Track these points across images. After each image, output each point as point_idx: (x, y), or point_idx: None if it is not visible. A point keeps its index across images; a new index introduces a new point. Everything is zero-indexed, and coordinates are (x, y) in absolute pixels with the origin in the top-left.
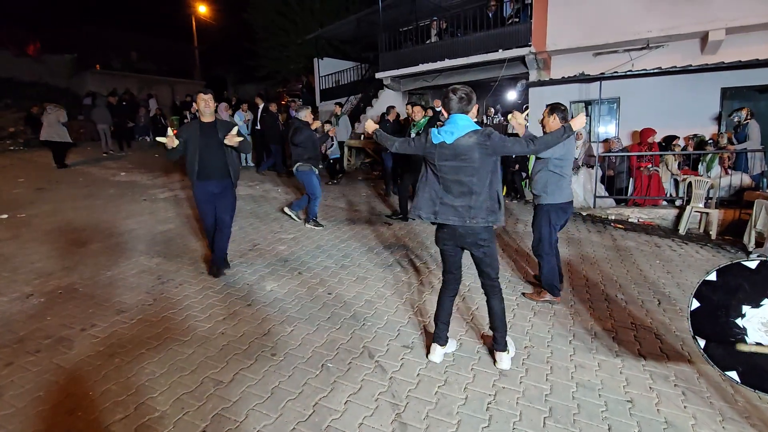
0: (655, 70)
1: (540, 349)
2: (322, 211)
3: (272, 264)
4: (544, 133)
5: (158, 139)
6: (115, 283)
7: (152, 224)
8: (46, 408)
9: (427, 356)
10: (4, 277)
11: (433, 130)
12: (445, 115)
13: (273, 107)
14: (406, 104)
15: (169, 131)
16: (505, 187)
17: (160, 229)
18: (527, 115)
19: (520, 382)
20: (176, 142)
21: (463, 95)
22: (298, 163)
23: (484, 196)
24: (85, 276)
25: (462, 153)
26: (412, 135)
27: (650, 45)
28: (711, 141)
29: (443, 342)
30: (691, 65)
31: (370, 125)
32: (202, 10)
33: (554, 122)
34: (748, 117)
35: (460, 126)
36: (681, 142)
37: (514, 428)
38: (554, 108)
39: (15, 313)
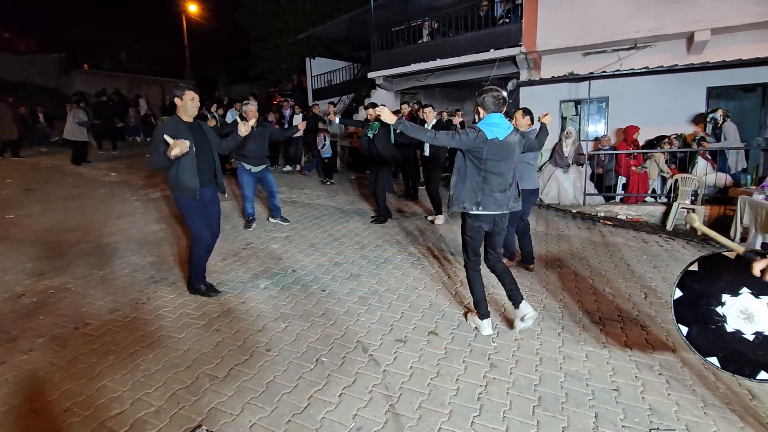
0: (643, 70)
1: (530, 341)
2: (315, 209)
3: (266, 262)
4: None
5: (168, 140)
6: (108, 283)
7: (144, 224)
8: (40, 405)
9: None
10: None
11: (486, 127)
12: (482, 114)
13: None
14: (401, 103)
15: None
16: None
17: (152, 229)
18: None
19: (510, 373)
20: (186, 146)
21: (501, 97)
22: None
23: (513, 186)
24: (77, 275)
25: (508, 149)
26: (370, 134)
27: (638, 45)
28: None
29: (489, 314)
30: (677, 65)
31: (388, 115)
32: (193, 9)
33: (525, 122)
34: (724, 119)
35: (505, 125)
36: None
37: (504, 417)
38: (526, 111)
39: (7, 312)
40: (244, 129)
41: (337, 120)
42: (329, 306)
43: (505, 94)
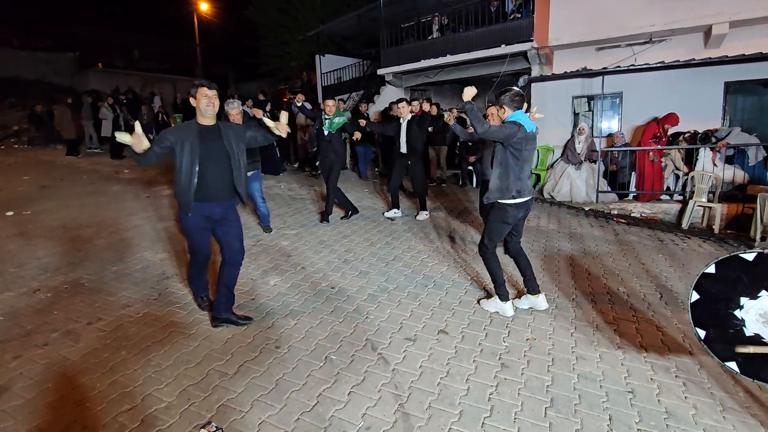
0: (658, 65)
1: (542, 341)
2: (320, 208)
3: (275, 259)
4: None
5: (119, 136)
6: (121, 278)
7: (155, 221)
8: (54, 399)
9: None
10: (10, 272)
11: (525, 121)
12: (507, 111)
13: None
14: (411, 100)
15: (137, 127)
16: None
17: (164, 226)
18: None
19: (522, 374)
20: (145, 144)
21: (521, 95)
22: None
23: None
24: (90, 271)
25: (534, 141)
26: (326, 129)
27: (653, 39)
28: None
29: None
30: (694, 59)
31: (470, 91)
32: (204, 8)
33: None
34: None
35: (530, 120)
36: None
37: (515, 418)
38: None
39: (22, 307)
40: (281, 130)
41: (299, 104)
42: (338, 303)
43: (517, 88)
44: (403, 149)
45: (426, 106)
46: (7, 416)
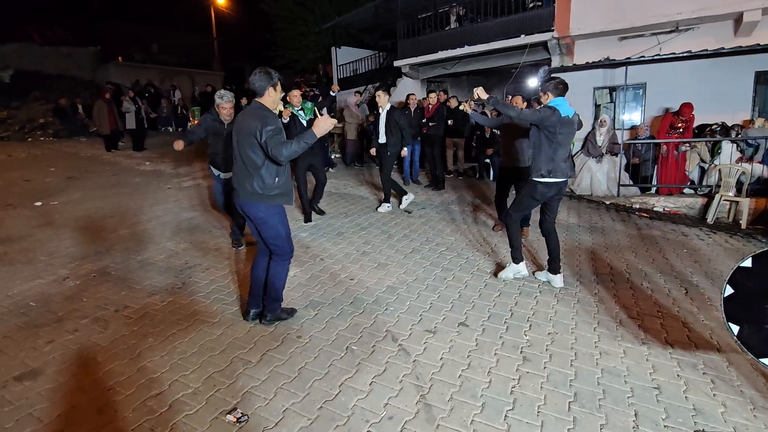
0: (685, 54)
1: (564, 336)
2: (342, 198)
3: (294, 250)
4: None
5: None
6: (145, 267)
7: (177, 211)
8: (86, 383)
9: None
10: (41, 260)
11: (561, 107)
12: (550, 97)
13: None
14: (428, 92)
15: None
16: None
17: (186, 216)
18: None
19: (544, 367)
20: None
21: (563, 83)
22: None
23: (570, 157)
24: (116, 260)
25: (571, 126)
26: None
27: (679, 28)
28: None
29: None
30: (723, 48)
31: (481, 91)
32: (221, 1)
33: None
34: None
35: (568, 106)
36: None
37: (538, 412)
38: (524, 98)
39: (53, 294)
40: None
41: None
42: (358, 295)
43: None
44: (382, 139)
45: (442, 97)
46: (42, 399)
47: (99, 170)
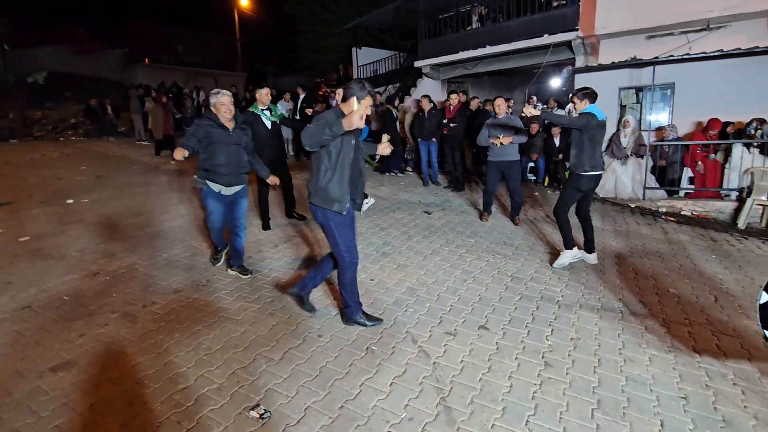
0: (716, 53)
1: (587, 341)
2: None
3: (315, 250)
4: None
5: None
6: (172, 264)
7: (201, 210)
8: (116, 376)
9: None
10: (73, 256)
11: (597, 112)
12: (586, 103)
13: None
14: (449, 93)
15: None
16: (547, 177)
17: None
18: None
19: (567, 373)
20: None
21: (595, 93)
22: (195, 175)
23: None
24: (144, 257)
25: (605, 128)
26: (274, 119)
27: (710, 26)
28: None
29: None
30: (757, 47)
31: (531, 109)
32: (244, 3)
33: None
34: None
35: (601, 111)
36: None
37: (560, 418)
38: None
39: (85, 289)
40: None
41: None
42: (378, 296)
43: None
44: None
45: (463, 98)
46: (75, 389)
47: (127, 169)
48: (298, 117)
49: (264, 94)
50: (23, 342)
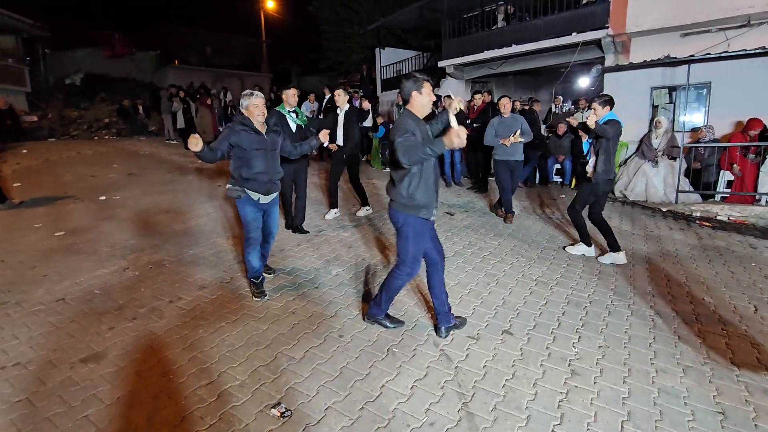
0: (759, 50)
1: (616, 350)
2: (384, 198)
3: (337, 250)
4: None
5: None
6: (197, 261)
7: (227, 208)
8: (143, 369)
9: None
10: (104, 251)
11: (617, 118)
12: (608, 110)
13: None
14: (473, 93)
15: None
16: (574, 179)
17: (235, 213)
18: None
19: (595, 383)
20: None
21: (613, 100)
22: (227, 183)
23: None
24: (171, 253)
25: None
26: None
27: (751, 22)
28: None
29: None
30: None
31: (591, 120)
32: (270, 5)
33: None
34: None
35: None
36: None
37: (588, 429)
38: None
39: (115, 283)
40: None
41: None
42: (399, 297)
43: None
44: (340, 141)
45: (487, 98)
46: (104, 381)
47: (156, 168)
48: (322, 117)
49: (291, 95)
50: (57, 333)
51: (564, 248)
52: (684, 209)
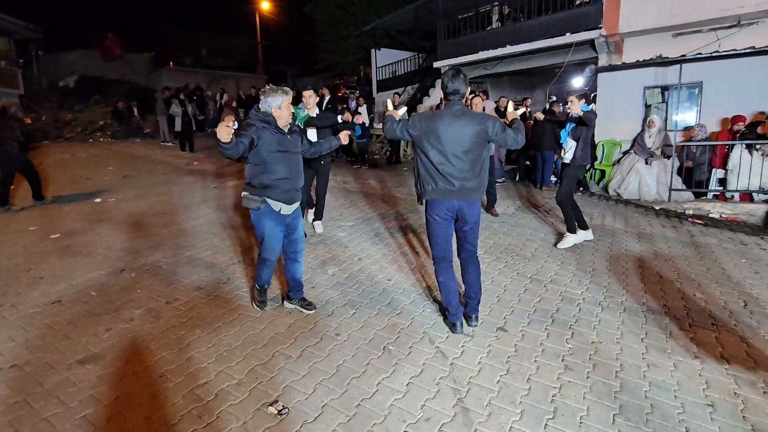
0: (748, 50)
1: (609, 346)
2: (380, 199)
3: (333, 249)
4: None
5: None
6: (193, 262)
7: (222, 209)
8: (140, 369)
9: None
10: (100, 253)
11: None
12: (583, 102)
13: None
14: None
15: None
16: None
17: (230, 215)
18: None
19: (587, 377)
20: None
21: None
22: (243, 192)
23: None
24: (167, 255)
25: None
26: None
27: (741, 22)
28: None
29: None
30: None
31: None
32: (265, 6)
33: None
34: None
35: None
36: None
37: (581, 422)
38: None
39: (111, 285)
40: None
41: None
42: (395, 296)
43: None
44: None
45: (484, 98)
46: (102, 382)
47: (152, 169)
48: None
49: (308, 96)
50: (53, 335)
51: (555, 245)
52: (677, 207)
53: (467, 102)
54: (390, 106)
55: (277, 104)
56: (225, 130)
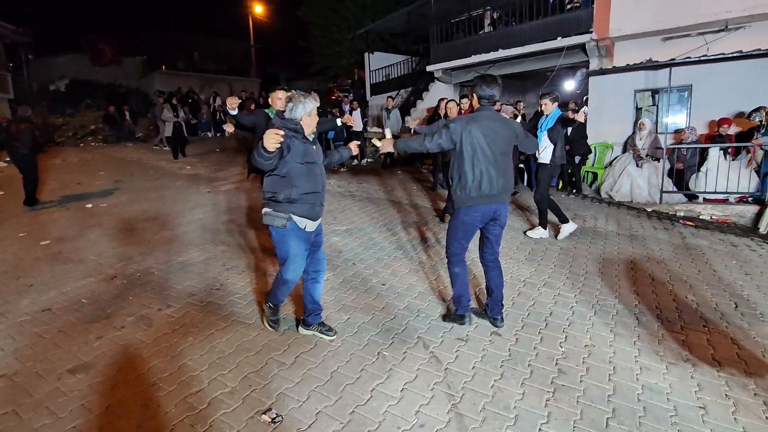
0: (735, 54)
1: (602, 349)
2: (373, 203)
3: (327, 255)
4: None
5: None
6: (186, 269)
7: (216, 214)
8: (132, 378)
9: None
10: (91, 260)
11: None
12: (556, 105)
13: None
14: (460, 97)
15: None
16: (560, 182)
17: (223, 219)
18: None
19: (581, 381)
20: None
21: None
22: (265, 208)
23: None
24: (159, 261)
25: None
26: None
27: (729, 27)
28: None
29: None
30: None
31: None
32: (258, 10)
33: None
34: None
35: None
36: None
37: (574, 427)
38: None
39: (102, 292)
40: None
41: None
42: (389, 300)
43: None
44: None
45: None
46: (93, 391)
47: (144, 174)
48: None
49: (279, 99)
50: (43, 344)
51: (556, 238)
52: (668, 209)
53: (444, 107)
54: (389, 135)
55: (308, 111)
56: (275, 138)
